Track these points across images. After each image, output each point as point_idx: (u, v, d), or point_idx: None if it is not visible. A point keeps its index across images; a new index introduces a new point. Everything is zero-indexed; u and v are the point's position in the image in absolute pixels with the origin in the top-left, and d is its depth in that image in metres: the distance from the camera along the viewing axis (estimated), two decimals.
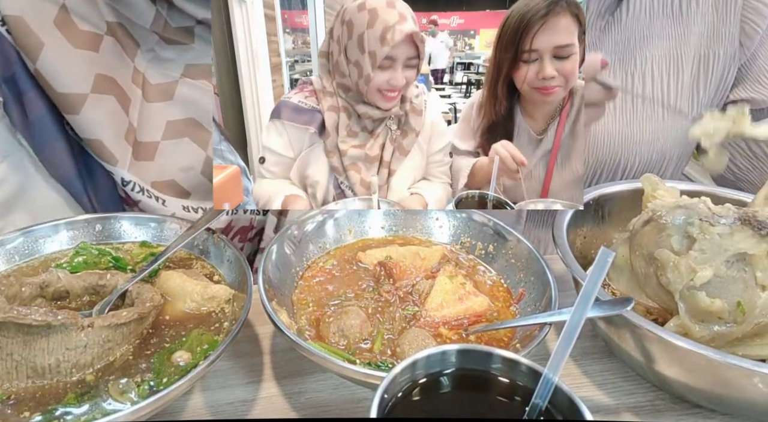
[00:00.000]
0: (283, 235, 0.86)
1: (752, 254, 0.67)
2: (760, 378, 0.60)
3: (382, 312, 0.79)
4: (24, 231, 0.80)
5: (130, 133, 0.90)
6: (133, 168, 0.91)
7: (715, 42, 1.13)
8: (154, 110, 0.92)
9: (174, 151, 0.95)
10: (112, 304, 0.70)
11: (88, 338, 0.63)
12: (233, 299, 0.76)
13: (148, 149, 0.92)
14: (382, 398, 0.47)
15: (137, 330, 0.68)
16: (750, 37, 1.13)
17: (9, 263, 0.78)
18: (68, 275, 0.72)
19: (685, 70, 1.13)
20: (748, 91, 1.16)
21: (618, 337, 0.73)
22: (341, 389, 0.75)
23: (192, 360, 0.67)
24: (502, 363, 0.53)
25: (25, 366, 0.61)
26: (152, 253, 0.83)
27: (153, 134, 0.93)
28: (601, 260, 0.53)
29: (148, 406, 0.55)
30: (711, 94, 1.16)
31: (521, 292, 0.84)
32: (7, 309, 0.60)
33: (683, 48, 1.13)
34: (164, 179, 0.94)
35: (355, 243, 0.95)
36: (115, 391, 0.61)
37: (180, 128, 0.95)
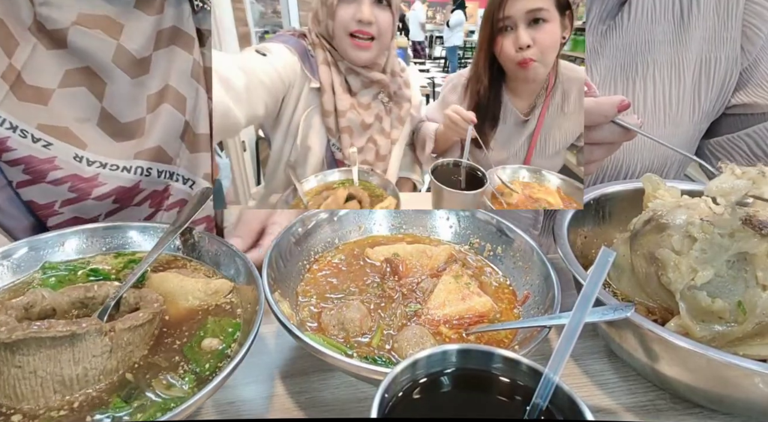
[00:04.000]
0: (289, 229, 0.86)
1: (753, 254, 0.67)
2: (761, 378, 0.60)
3: (384, 308, 0.79)
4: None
5: (10, 73, 0.87)
6: (10, 106, 0.87)
7: (716, 47, 1.13)
8: (51, 57, 0.89)
9: (70, 99, 0.91)
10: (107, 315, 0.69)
11: (113, 342, 0.63)
12: (236, 290, 0.77)
13: (41, 94, 0.89)
14: (382, 397, 0.47)
15: (150, 330, 0.68)
16: (752, 41, 1.12)
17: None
18: (52, 292, 0.70)
19: (687, 75, 1.13)
20: (750, 96, 1.16)
21: (619, 337, 0.73)
22: (342, 388, 0.75)
23: (224, 343, 0.68)
24: (502, 363, 0.53)
25: (51, 381, 0.60)
26: (131, 260, 0.83)
27: (47, 80, 0.89)
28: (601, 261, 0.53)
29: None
30: (713, 99, 1.16)
31: (526, 294, 0.84)
32: (26, 326, 0.59)
33: (685, 53, 1.12)
34: (57, 125, 0.90)
35: (365, 239, 0.96)
36: (161, 387, 0.62)
37: (78, 76, 0.91)
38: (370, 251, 0.91)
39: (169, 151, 0.98)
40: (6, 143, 0.87)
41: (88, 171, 0.92)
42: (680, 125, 1.14)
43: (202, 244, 0.85)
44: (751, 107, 1.16)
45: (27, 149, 0.88)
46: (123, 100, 0.94)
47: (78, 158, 0.91)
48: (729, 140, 1.20)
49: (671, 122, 1.13)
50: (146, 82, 0.95)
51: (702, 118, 1.17)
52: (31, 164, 0.89)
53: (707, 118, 1.19)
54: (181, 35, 0.98)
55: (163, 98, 0.97)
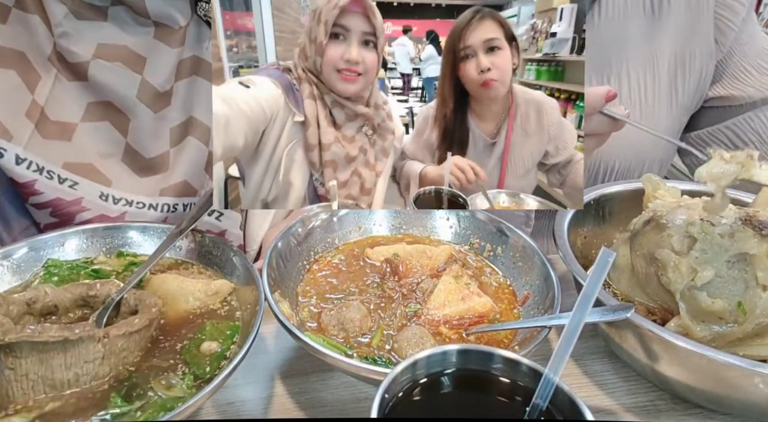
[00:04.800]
0: (289, 229, 0.87)
1: (753, 255, 0.67)
2: (760, 378, 0.60)
3: (384, 308, 0.79)
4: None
5: (34, 110, 0.86)
6: (36, 146, 0.87)
7: (690, 41, 1.13)
8: (72, 90, 0.89)
9: (93, 134, 0.90)
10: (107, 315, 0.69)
11: (105, 348, 0.63)
12: (235, 292, 0.77)
13: (65, 129, 0.88)
14: (382, 398, 0.47)
15: (146, 336, 0.68)
16: (724, 34, 1.13)
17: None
18: (55, 289, 0.70)
19: (662, 70, 1.13)
20: (727, 88, 1.16)
21: (619, 337, 0.73)
22: (342, 389, 0.75)
23: (223, 346, 0.68)
24: (502, 363, 0.53)
25: (42, 384, 0.60)
26: (133, 262, 0.83)
27: (70, 114, 0.89)
28: (601, 261, 0.53)
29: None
30: (691, 92, 1.16)
31: (526, 294, 0.84)
32: (19, 329, 0.59)
33: (658, 48, 1.13)
34: (82, 161, 0.90)
35: (365, 240, 0.96)
36: (161, 387, 0.62)
37: (100, 110, 0.91)
38: (370, 252, 0.91)
39: (194, 184, 0.98)
40: (34, 186, 0.87)
41: (114, 210, 0.92)
42: (658, 119, 1.15)
43: (203, 245, 0.85)
44: (728, 99, 1.17)
45: (54, 190, 0.88)
46: (146, 135, 0.93)
47: (104, 196, 0.91)
48: (709, 132, 1.21)
49: (649, 116, 1.14)
50: (168, 115, 0.94)
51: (681, 112, 1.18)
52: (59, 207, 0.89)
53: (686, 111, 1.19)
54: (202, 64, 0.96)
55: (188, 131, 0.96)
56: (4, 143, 0.84)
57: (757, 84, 1.14)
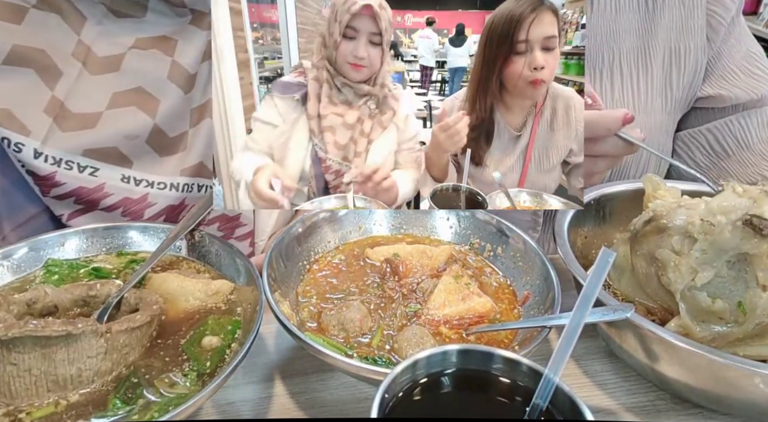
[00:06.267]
0: (289, 229, 0.87)
1: (753, 255, 0.67)
2: (761, 378, 0.60)
3: (384, 308, 0.79)
4: None
5: (53, 106, 0.87)
6: (54, 140, 0.87)
7: (684, 35, 1.13)
8: (98, 82, 0.89)
9: (119, 119, 0.91)
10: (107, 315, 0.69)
11: (108, 344, 0.63)
12: (235, 291, 0.77)
13: (88, 119, 0.89)
14: (383, 398, 0.47)
15: (148, 333, 0.69)
16: (715, 30, 1.13)
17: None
18: (55, 289, 0.70)
19: (656, 64, 1.13)
20: (715, 88, 1.16)
21: (619, 337, 0.73)
22: (342, 389, 0.75)
23: (224, 341, 0.68)
24: (503, 364, 0.53)
25: (45, 380, 0.60)
26: (133, 260, 0.83)
27: (95, 105, 0.89)
28: (602, 261, 0.53)
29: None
30: (685, 87, 1.16)
31: (526, 294, 0.84)
32: (22, 324, 0.59)
33: (651, 42, 1.12)
34: (104, 146, 0.90)
35: (365, 240, 0.96)
36: (163, 384, 0.62)
37: (128, 97, 0.92)
38: (370, 252, 0.91)
39: (209, 165, 1.00)
40: (54, 178, 0.87)
41: (137, 192, 0.92)
42: (651, 113, 1.14)
43: (203, 244, 0.85)
44: (715, 100, 1.16)
45: (75, 180, 0.88)
46: (174, 115, 0.95)
47: (125, 178, 0.92)
48: (690, 134, 1.21)
49: (641, 110, 1.13)
50: (194, 96, 0.97)
51: (675, 107, 1.17)
52: (82, 195, 0.89)
53: (681, 107, 1.19)
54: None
55: (205, 113, 0.98)
56: (22, 137, 0.84)
57: (743, 85, 1.15)
